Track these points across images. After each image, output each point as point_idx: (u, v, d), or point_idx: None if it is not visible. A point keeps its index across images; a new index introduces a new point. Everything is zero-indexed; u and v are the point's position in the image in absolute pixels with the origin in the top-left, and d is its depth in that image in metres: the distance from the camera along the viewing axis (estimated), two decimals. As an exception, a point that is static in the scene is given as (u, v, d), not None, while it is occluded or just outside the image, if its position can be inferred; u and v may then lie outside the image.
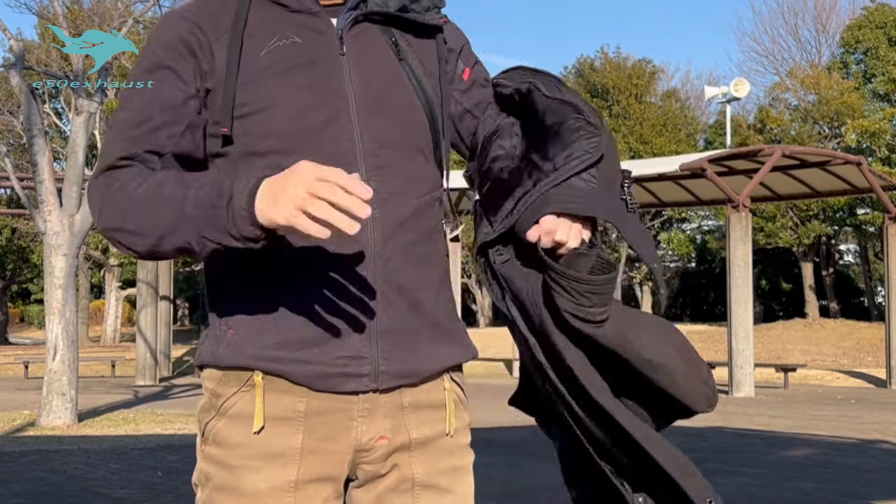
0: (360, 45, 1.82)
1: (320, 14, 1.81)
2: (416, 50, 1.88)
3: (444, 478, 1.85)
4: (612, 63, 44.17)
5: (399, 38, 1.87)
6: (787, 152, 20.53)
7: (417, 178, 1.83)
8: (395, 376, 1.80)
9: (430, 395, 1.86)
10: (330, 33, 1.81)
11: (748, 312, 19.66)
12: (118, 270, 42.24)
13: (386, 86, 1.82)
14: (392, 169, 1.79)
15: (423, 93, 1.85)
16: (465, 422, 1.92)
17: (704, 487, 1.76)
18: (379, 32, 1.85)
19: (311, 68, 1.78)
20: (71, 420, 12.91)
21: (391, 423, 1.81)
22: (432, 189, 1.86)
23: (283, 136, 1.74)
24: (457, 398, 1.90)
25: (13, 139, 34.57)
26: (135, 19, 14.64)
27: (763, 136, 36.93)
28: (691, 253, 45.99)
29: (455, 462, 1.87)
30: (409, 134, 1.83)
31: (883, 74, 36.72)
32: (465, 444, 1.92)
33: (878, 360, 25.14)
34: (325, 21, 1.81)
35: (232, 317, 1.79)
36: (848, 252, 45.85)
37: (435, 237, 1.87)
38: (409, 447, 1.83)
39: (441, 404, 1.87)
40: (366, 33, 1.84)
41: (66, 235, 12.98)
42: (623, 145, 40.90)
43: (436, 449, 1.85)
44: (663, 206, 29.02)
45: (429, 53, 1.90)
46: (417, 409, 1.84)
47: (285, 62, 1.77)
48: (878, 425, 13.54)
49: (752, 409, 16.44)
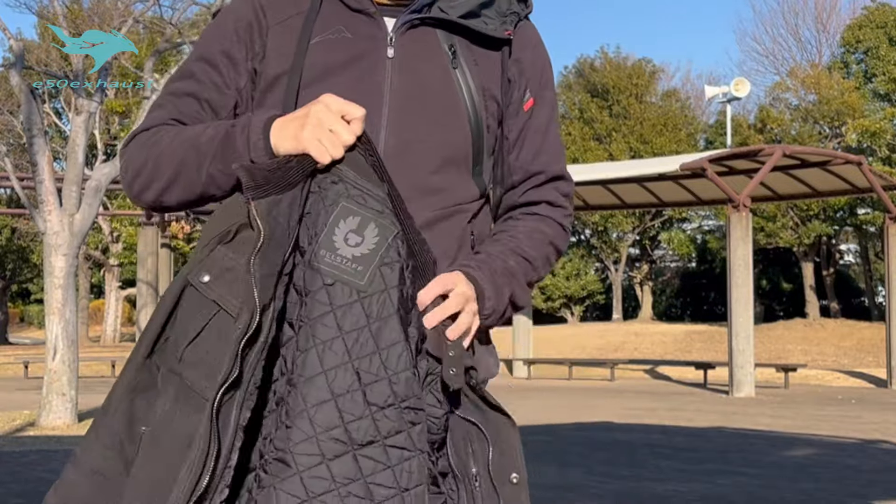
0: (412, 49, 1.79)
1: (376, 15, 1.79)
2: (478, 60, 1.83)
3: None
4: (612, 63, 44.17)
5: (459, 47, 1.81)
6: (788, 152, 20.53)
7: (438, 189, 1.77)
8: None
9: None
10: (382, 34, 1.79)
11: (748, 312, 19.66)
12: (118, 270, 42.22)
13: (430, 92, 1.78)
14: (410, 177, 1.73)
15: (471, 104, 1.80)
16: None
17: None
18: (438, 38, 1.81)
19: (355, 64, 1.77)
20: (71, 420, 12.90)
21: None
22: (460, 201, 1.80)
23: None
24: None
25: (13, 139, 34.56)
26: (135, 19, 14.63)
27: (763, 136, 36.93)
28: (691, 253, 45.97)
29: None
30: (445, 143, 1.78)
31: (883, 74, 36.71)
32: None
33: (879, 360, 25.14)
34: (380, 22, 1.80)
35: None
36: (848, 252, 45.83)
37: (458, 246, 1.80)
38: None
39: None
40: (422, 38, 1.80)
41: (65, 235, 12.97)
42: (623, 145, 40.94)
43: None
44: (663, 206, 29.03)
45: (492, 66, 1.84)
46: None
47: (331, 55, 1.78)
48: (879, 425, 13.53)
49: (753, 409, 16.43)
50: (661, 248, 46.40)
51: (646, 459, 9.78)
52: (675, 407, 16.48)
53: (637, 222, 41.85)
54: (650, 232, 43.91)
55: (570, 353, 29.94)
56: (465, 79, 1.80)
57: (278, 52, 1.79)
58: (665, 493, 7.81)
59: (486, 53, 1.83)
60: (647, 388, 22.12)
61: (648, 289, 45.23)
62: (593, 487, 8.03)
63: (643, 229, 42.86)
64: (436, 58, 1.80)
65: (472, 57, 1.82)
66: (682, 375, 24.50)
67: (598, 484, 8.22)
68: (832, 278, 40.80)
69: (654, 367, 26.41)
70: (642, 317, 43.14)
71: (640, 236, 43.68)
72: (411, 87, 1.77)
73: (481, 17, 1.82)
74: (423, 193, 1.75)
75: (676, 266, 49.35)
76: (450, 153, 1.78)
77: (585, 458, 9.73)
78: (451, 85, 1.79)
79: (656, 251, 46.30)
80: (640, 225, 42.22)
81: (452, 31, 1.81)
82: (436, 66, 1.79)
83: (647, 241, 44.47)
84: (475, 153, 1.81)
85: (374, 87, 1.76)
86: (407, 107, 1.76)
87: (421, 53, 1.79)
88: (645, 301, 44.45)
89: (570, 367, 24.98)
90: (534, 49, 1.90)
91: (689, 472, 8.91)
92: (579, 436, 11.70)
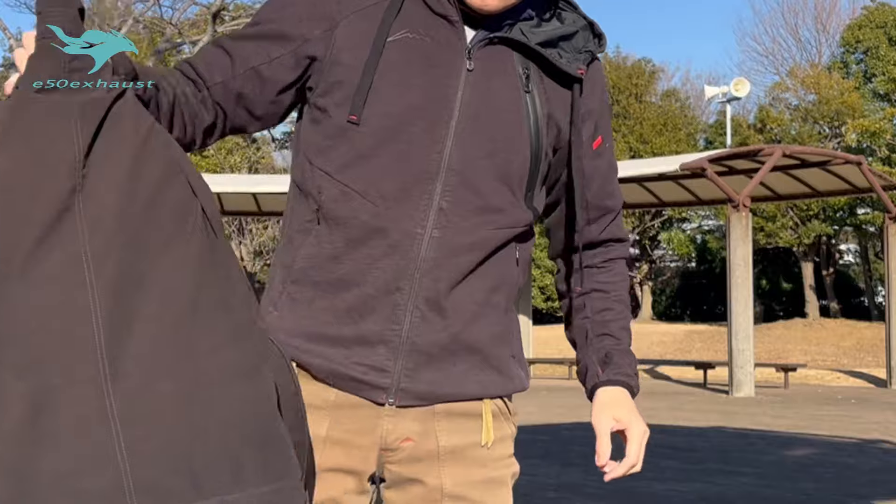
0: (488, 64, 1.78)
1: (457, 24, 1.76)
2: (547, 88, 1.83)
3: (475, 490, 1.80)
4: (612, 63, 44.15)
5: (532, 73, 1.81)
6: (788, 152, 20.53)
7: (497, 208, 1.77)
8: (416, 396, 1.77)
9: (466, 404, 1.81)
10: (461, 44, 1.77)
11: (748, 312, 19.66)
12: (118, 270, 42.19)
13: (498, 111, 1.77)
14: (471, 192, 1.74)
15: (535, 130, 1.80)
16: (507, 432, 1.87)
17: None
18: (514, 59, 1.80)
19: (430, 70, 1.75)
20: (71, 420, 12.90)
21: (420, 426, 1.78)
22: (515, 224, 1.80)
23: (376, 127, 1.73)
24: (497, 409, 1.85)
25: (13, 139, 34.54)
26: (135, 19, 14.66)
27: (763, 136, 36.93)
28: (691, 253, 45.98)
29: (489, 474, 1.82)
30: (505, 164, 1.77)
31: (883, 74, 36.72)
32: (505, 456, 1.86)
33: (879, 359, 25.14)
34: (460, 31, 1.77)
35: (280, 300, 1.79)
36: (848, 252, 45.83)
37: (503, 267, 1.81)
38: (437, 455, 1.79)
39: (478, 414, 1.82)
40: (499, 56, 1.79)
41: (66, 235, 12.98)
42: (623, 145, 40.92)
43: (468, 459, 1.81)
44: (663, 206, 29.03)
45: (562, 97, 1.84)
46: (451, 416, 1.80)
47: (407, 55, 1.75)
48: (878, 425, 13.53)
49: (753, 408, 16.43)
50: (661, 248, 46.40)
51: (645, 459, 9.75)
52: (675, 407, 16.48)
53: (637, 222, 41.85)
54: (650, 232, 43.92)
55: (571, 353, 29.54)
56: (533, 104, 1.80)
57: (352, 40, 1.75)
58: (664, 492, 7.81)
59: (557, 84, 1.84)
60: (646, 387, 22.12)
61: (648, 289, 45.24)
62: (593, 487, 8.04)
63: (643, 229, 42.86)
64: (510, 78, 1.79)
65: (542, 85, 1.82)
66: (682, 375, 24.51)
67: (598, 484, 8.22)
68: (832, 278, 40.80)
69: (653, 367, 26.41)
70: (642, 317, 43.14)
71: (640, 236, 43.67)
72: (482, 103, 1.76)
73: (558, 48, 1.82)
74: (482, 210, 1.76)
75: (676, 266, 49.36)
76: (508, 175, 1.78)
77: (585, 458, 9.73)
78: (519, 109, 1.78)
79: (656, 251, 46.29)
80: (640, 225, 42.23)
81: (528, 57, 1.81)
82: (509, 86, 1.78)
83: (647, 240, 44.47)
84: (530, 178, 1.81)
85: (446, 96, 1.74)
86: (475, 122, 1.75)
87: (496, 71, 1.78)
88: (645, 301, 44.45)
89: (570, 367, 24.98)
90: (602, 90, 1.92)
91: (688, 472, 8.91)
92: (579, 436, 11.70)
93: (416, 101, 1.73)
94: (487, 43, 1.78)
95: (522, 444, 1.75)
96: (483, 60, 1.77)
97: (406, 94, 1.73)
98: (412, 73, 1.74)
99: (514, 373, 1.87)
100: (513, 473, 1.88)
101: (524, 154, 1.78)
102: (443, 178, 1.73)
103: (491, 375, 1.82)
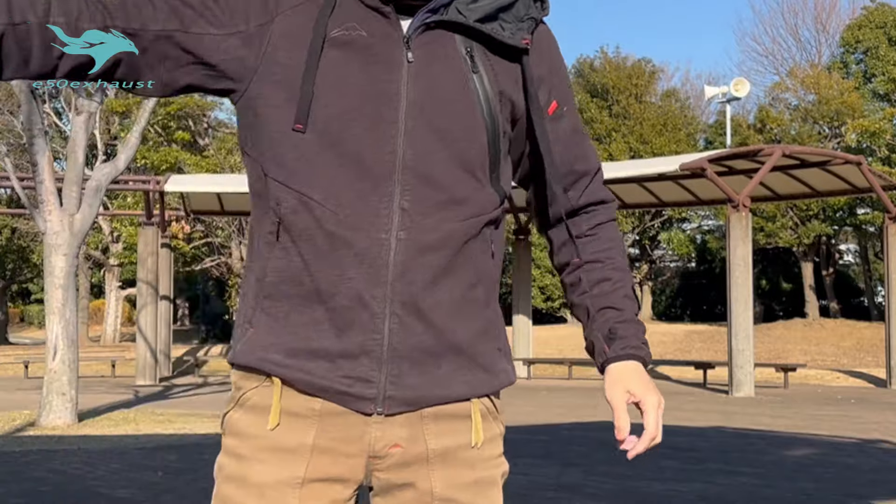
0: (428, 52, 1.72)
1: (390, 15, 1.71)
2: (494, 64, 1.76)
3: (466, 492, 1.78)
4: (612, 63, 44.17)
5: (476, 51, 1.75)
6: (788, 152, 20.54)
7: (461, 199, 1.72)
8: (404, 402, 1.74)
9: (454, 406, 1.79)
10: (398, 36, 1.71)
11: (748, 312, 19.67)
12: (118, 270, 42.23)
13: (446, 100, 1.71)
14: (431, 188, 1.69)
15: (488, 111, 1.74)
16: (496, 432, 1.84)
17: None
18: (454, 42, 1.74)
19: (368, 68, 1.69)
20: (71, 420, 12.90)
21: (408, 431, 1.75)
22: (482, 211, 1.75)
23: (321, 131, 1.68)
24: (485, 409, 1.82)
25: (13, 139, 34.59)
26: None
27: (763, 136, 36.93)
28: (691, 253, 45.98)
29: (479, 475, 1.80)
30: (463, 152, 1.72)
31: (883, 74, 36.73)
32: (494, 456, 1.83)
33: (878, 359, 25.15)
34: (395, 23, 1.71)
35: (255, 316, 1.76)
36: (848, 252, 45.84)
37: (477, 260, 1.76)
38: (427, 458, 1.77)
39: (466, 415, 1.79)
40: (438, 41, 1.73)
41: (66, 235, 12.98)
42: (623, 145, 40.92)
43: (458, 461, 1.78)
44: (663, 206, 29.03)
45: (510, 70, 1.78)
46: (439, 419, 1.77)
47: (345, 53, 1.70)
48: (878, 425, 13.54)
49: (753, 408, 16.44)
50: (661, 248, 46.39)
51: (645, 459, 9.76)
52: (675, 407, 16.48)
53: (637, 222, 41.85)
54: (650, 232, 43.91)
55: (570, 353, 29.92)
56: (482, 85, 1.74)
57: (288, 39, 1.71)
58: (665, 492, 7.81)
59: (504, 59, 1.78)
60: (646, 387, 22.09)
61: (648, 289, 45.25)
62: (593, 487, 8.04)
63: (643, 229, 42.86)
64: (453, 62, 1.73)
65: (489, 61, 1.76)
66: (682, 375, 24.51)
67: (598, 484, 8.22)
68: (832, 278, 40.81)
69: (653, 367, 26.41)
70: (642, 317, 43.00)
71: (640, 236, 43.67)
72: (428, 96, 1.70)
73: (498, 20, 1.76)
74: (445, 204, 1.71)
75: (676, 266, 49.38)
76: (468, 162, 1.73)
77: (585, 458, 9.73)
78: (468, 93, 1.73)
79: (656, 251, 46.29)
80: (640, 225, 42.22)
81: (469, 35, 1.75)
82: (454, 70, 1.73)
83: (647, 240, 44.47)
84: (492, 160, 1.76)
85: (387, 93, 1.69)
86: (424, 116, 1.70)
87: (438, 58, 1.72)
88: (645, 301, 44.44)
89: (569, 367, 25.00)
90: (551, 54, 1.86)
91: (688, 472, 8.91)
92: (579, 436, 11.71)
93: (354, 101, 1.67)
94: (425, 29, 1.72)
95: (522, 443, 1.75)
96: (423, 48, 1.71)
97: (344, 95, 1.67)
98: (349, 73, 1.69)
99: (500, 367, 1.83)
100: (503, 473, 1.86)
101: (480, 141, 1.73)
102: (400, 178, 1.68)
103: (478, 374, 1.79)
